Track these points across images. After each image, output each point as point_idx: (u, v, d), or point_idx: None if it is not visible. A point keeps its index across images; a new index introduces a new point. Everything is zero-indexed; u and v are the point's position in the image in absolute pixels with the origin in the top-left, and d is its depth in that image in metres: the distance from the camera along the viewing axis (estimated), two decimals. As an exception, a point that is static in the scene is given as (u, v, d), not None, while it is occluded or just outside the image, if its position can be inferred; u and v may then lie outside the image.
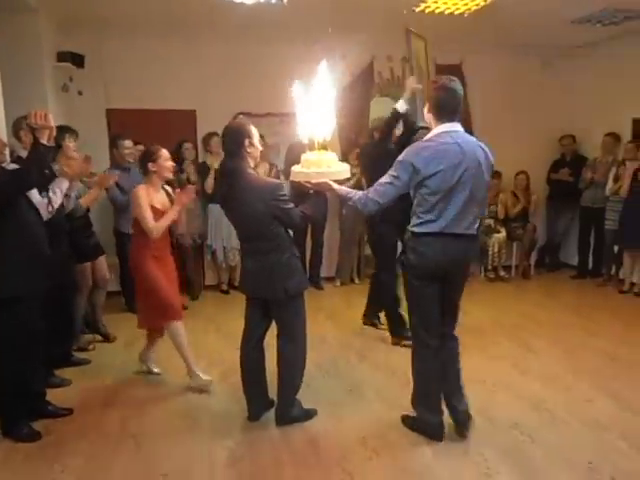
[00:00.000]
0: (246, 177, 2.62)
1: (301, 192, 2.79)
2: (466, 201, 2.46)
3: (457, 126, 2.53)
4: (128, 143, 4.68)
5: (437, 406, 2.72)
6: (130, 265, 3.35)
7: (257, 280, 2.73)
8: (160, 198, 3.24)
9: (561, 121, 6.25)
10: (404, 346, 3.72)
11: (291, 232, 2.80)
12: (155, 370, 3.60)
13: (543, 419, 2.95)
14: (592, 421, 2.90)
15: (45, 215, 3.10)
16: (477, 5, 4.36)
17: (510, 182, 6.19)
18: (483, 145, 2.56)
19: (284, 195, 2.61)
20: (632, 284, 5.39)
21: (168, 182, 3.43)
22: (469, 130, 2.83)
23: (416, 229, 2.53)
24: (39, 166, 2.59)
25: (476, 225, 2.57)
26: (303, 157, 2.65)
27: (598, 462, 2.53)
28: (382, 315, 4.26)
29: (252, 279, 2.77)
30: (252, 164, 2.71)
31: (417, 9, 4.42)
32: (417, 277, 2.57)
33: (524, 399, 3.17)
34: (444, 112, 2.50)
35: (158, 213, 3.13)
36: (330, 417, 2.96)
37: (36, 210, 2.85)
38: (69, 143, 3.71)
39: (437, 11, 4.47)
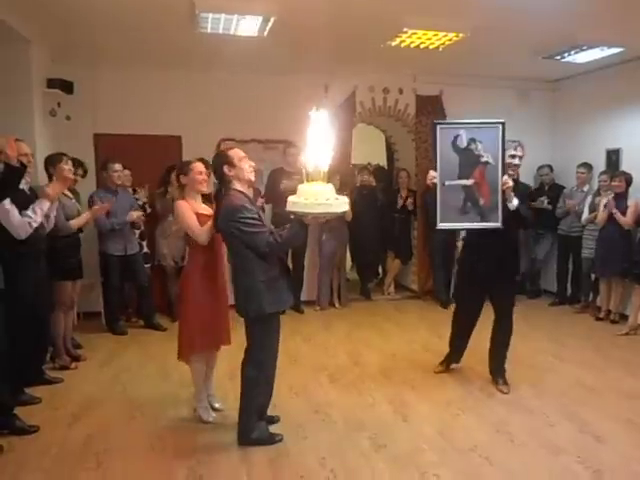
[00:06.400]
0: (224, 199, 2.74)
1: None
2: None
3: None
4: (118, 166, 4.82)
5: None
6: (180, 285, 3.27)
7: (234, 297, 2.84)
8: (203, 206, 3.14)
9: (539, 151, 6.42)
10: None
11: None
12: (216, 405, 3.35)
13: (503, 442, 2.98)
14: (551, 445, 2.93)
15: (19, 234, 3.20)
16: (450, 40, 4.54)
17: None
18: None
19: (244, 218, 2.65)
20: (608, 311, 5.45)
21: (205, 197, 3.25)
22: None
23: None
24: None
25: None
26: (299, 188, 2.59)
27: (551, 485, 2.56)
28: None
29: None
30: (239, 185, 2.78)
31: (393, 43, 4.60)
32: None
33: (487, 422, 3.20)
34: None
35: (205, 219, 3.01)
36: (293, 437, 2.99)
37: None
38: (64, 165, 3.80)
39: (412, 45, 4.65)
